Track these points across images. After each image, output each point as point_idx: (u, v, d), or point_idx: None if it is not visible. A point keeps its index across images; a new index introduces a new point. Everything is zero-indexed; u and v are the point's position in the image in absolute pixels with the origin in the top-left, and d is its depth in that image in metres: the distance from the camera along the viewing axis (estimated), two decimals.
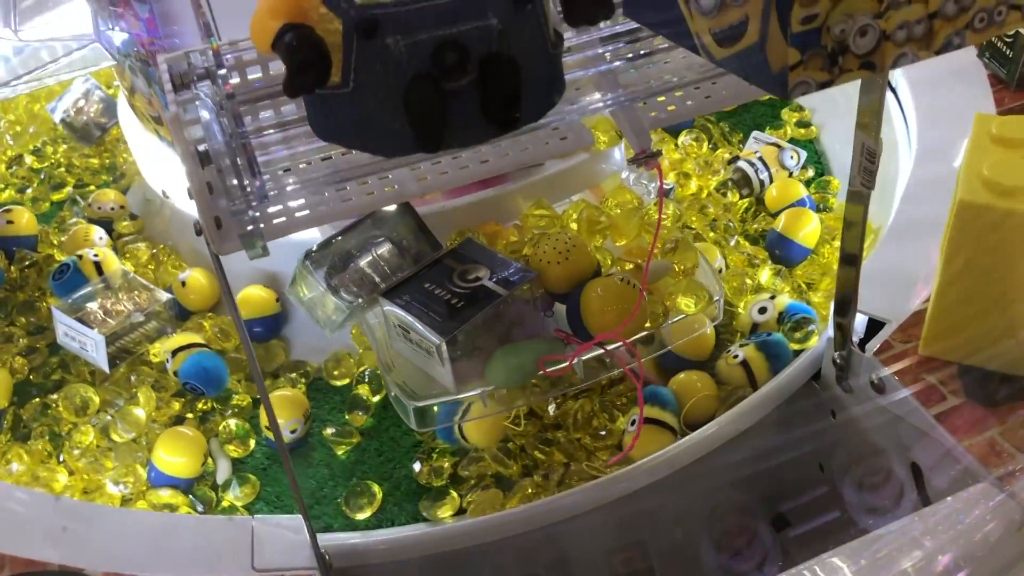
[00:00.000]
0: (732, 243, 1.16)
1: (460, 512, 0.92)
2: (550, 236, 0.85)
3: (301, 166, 0.61)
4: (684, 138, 1.32)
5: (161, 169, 1.27)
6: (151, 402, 1.05)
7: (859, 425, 0.93)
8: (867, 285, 0.90)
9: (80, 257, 1.19)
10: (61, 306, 1.12)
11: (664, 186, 1.18)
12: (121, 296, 1.13)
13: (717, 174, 1.26)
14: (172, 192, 1.25)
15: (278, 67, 0.63)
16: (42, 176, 1.52)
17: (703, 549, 0.94)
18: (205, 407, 1.07)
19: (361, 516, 0.93)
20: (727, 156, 1.30)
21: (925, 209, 1.04)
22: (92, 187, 1.47)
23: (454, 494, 0.93)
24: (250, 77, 0.66)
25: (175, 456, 0.98)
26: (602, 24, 0.63)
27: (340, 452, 0.99)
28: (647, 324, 0.83)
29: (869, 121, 0.76)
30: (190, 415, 1.06)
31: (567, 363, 0.79)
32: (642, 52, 0.65)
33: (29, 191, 1.49)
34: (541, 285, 0.84)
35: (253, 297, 1.12)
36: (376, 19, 0.48)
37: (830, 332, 0.93)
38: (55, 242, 1.33)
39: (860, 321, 0.96)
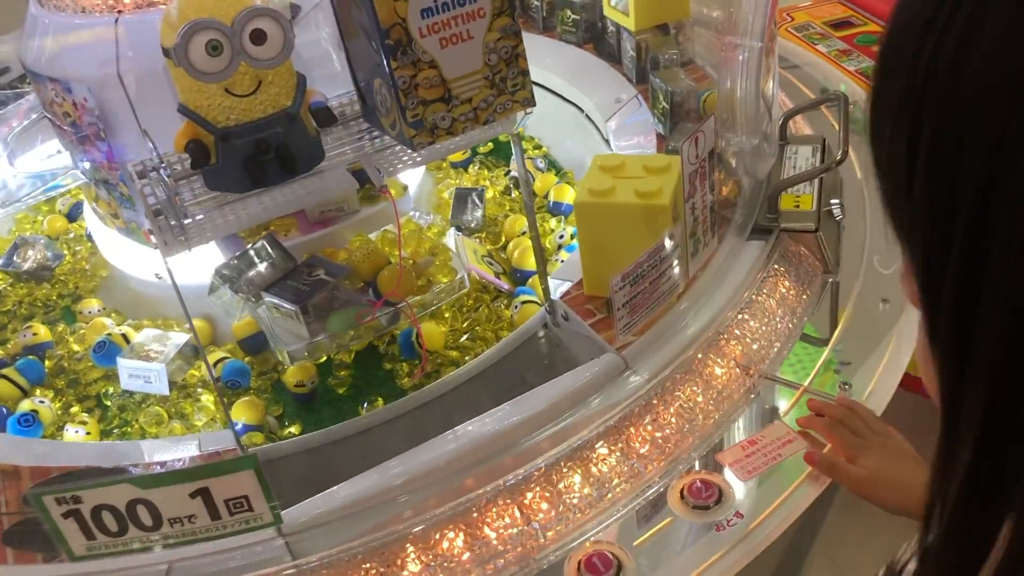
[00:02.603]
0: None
1: None
2: (361, 244, 1.47)
3: (202, 207, 1.22)
4: (472, 169, 2.09)
5: (122, 254, 1.86)
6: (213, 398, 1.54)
7: (567, 342, 1.53)
8: (568, 267, 1.53)
9: (109, 335, 1.64)
10: (125, 356, 1.52)
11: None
12: (154, 346, 1.55)
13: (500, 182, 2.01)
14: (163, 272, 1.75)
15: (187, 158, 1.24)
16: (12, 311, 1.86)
17: None
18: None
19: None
20: (503, 172, 2.04)
21: None
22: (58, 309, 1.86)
23: None
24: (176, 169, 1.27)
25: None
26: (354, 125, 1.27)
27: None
28: (416, 290, 1.45)
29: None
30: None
31: (372, 315, 1.40)
32: (375, 136, 1.27)
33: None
34: (357, 275, 1.46)
35: (243, 326, 1.63)
36: (228, 132, 1.10)
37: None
38: (71, 340, 1.73)
39: (561, 286, 1.59)
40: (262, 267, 1.46)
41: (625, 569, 1.14)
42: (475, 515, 1.20)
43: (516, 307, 1.59)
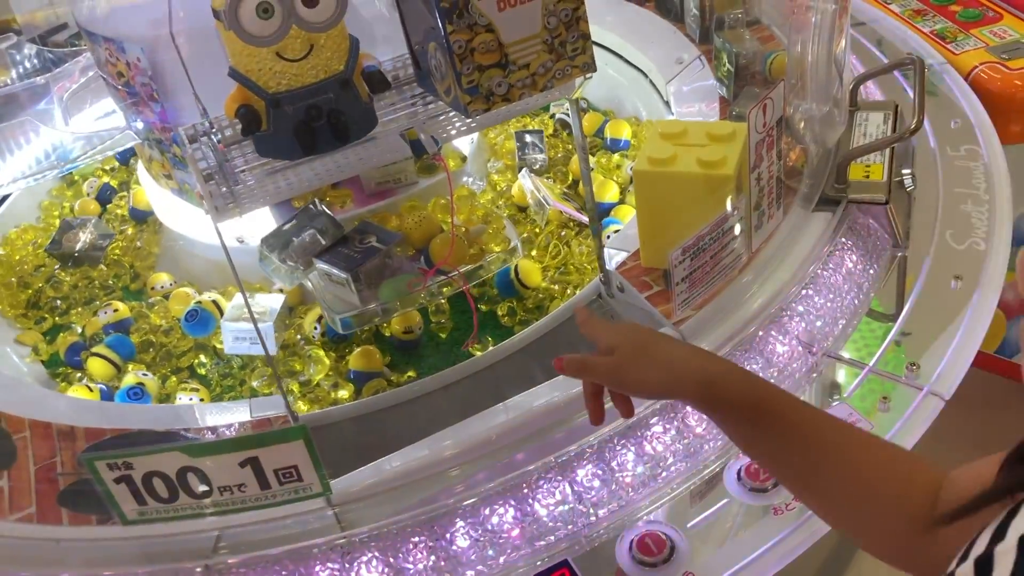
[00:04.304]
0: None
1: None
2: (413, 211, 1.45)
3: (253, 173, 1.20)
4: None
5: (170, 210, 1.86)
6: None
7: (622, 315, 1.50)
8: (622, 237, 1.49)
9: (200, 303, 1.63)
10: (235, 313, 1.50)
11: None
12: (253, 309, 1.48)
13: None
14: (247, 236, 1.59)
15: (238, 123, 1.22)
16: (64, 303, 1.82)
17: None
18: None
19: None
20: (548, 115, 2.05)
21: None
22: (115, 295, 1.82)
23: None
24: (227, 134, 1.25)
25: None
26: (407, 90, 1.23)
27: None
28: (468, 260, 1.42)
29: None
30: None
31: (424, 283, 1.38)
32: (429, 101, 1.23)
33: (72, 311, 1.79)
34: (408, 242, 1.43)
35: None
36: (279, 97, 1.07)
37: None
38: (152, 314, 1.71)
39: (616, 256, 1.54)
40: (310, 235, 1.44)
41: (678, 551, 1.11)
42: (525, 491, 1.18)
43: (609, 236, 1.59)
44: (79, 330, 1.75)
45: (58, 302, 1.84)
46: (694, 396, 0.86)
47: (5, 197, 2.06)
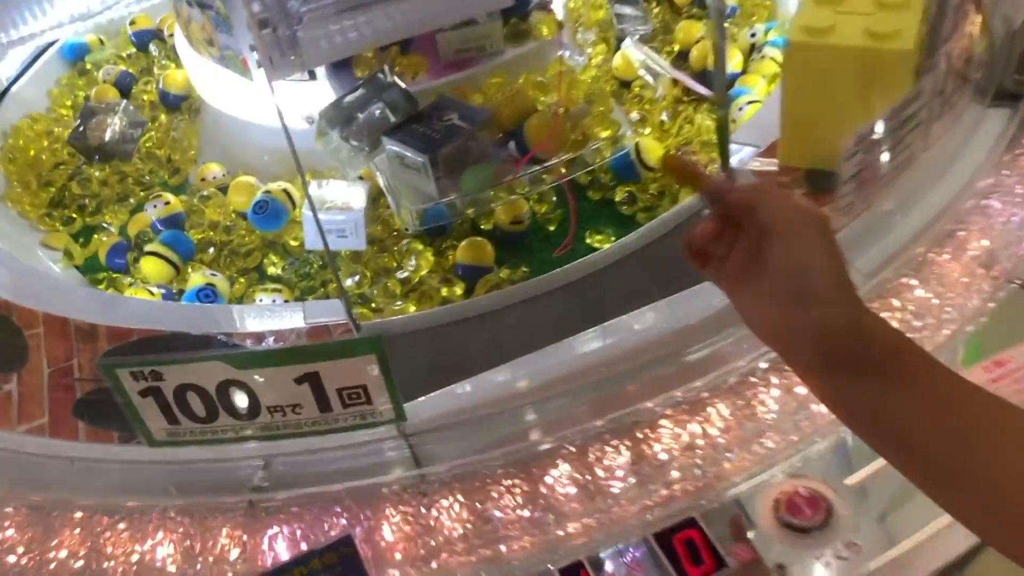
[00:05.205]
0: None
1: None
2: (502, 85, 1.19)
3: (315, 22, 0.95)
4: None
5: (215, 87, 1.62)
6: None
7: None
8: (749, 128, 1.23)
9: (269, 191, 1.40)
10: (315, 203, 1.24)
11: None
12: (336, 197, 1.29)
13: None
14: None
15: None
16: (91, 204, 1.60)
17: None
18: None
19: None
20: None
21: None
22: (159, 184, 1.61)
23: None
24: None
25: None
26: None
27: None
28: (570, 146, 1.17)
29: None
30: None
31: (516, 172, 1.13)
32: None
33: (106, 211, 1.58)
34: (496, 123, 1.18)
35: None
36: None
37: None
38: (204, 208, 1.50)
39: (748, 153, 1.29)
40: (379, 109, 1.19)
41: (836, 514, 0.88)
42: (647, 431, 0.95)
43: (741, 108, 1.37)
44: (114, 230, 1.54)
45: (87, 200, 1.61)
46: (839, 328, 0.59)
47: (7, 88, 1.81)
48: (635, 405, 0.96)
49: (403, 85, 1.20)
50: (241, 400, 0.89)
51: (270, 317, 1.18)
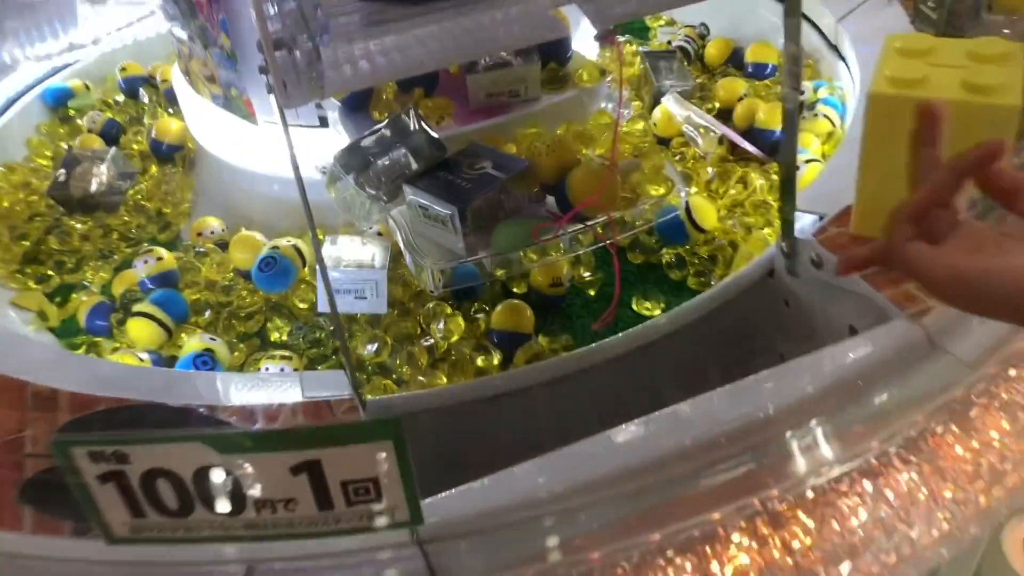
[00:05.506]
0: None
1: None
2: (541, 135, 1.05)
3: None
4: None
5: (214, 132, 1.48)
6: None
7: (805, 301, 1.10)
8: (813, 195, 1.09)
9: (277, 247, 1.24)
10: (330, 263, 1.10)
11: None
12: (353, 255, 1.13)
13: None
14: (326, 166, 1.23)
15: None
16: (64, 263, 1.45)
17: None
18: None
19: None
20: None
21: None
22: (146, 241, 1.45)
23: None
24: None
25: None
26: None
27: None
28: (620, 204, 1.02)
29: (791, 34, 0.96)
30: None
31: (556, 231, 0.98)
32: None
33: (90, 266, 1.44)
34: (533, 173, 1.03)
35: None
36: None
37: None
38: (200, 266, 1.35)
39: (809, 221, 1.14)
40: (400, 154, 1.05)
41: None
42: (711, 545, 0.78)
43: (799, 167, 1.22)
44: (95, 290, 1.38)
45: (65, 256, 1.45)
46: None
47: None
48: (698, 516, 0.79)
49: (430, 129, 1.06)
50: (223, 491, 0.72)
51: (263, 388, 1.02)
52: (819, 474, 0.82)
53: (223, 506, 0.73)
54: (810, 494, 0.80)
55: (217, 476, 0.72)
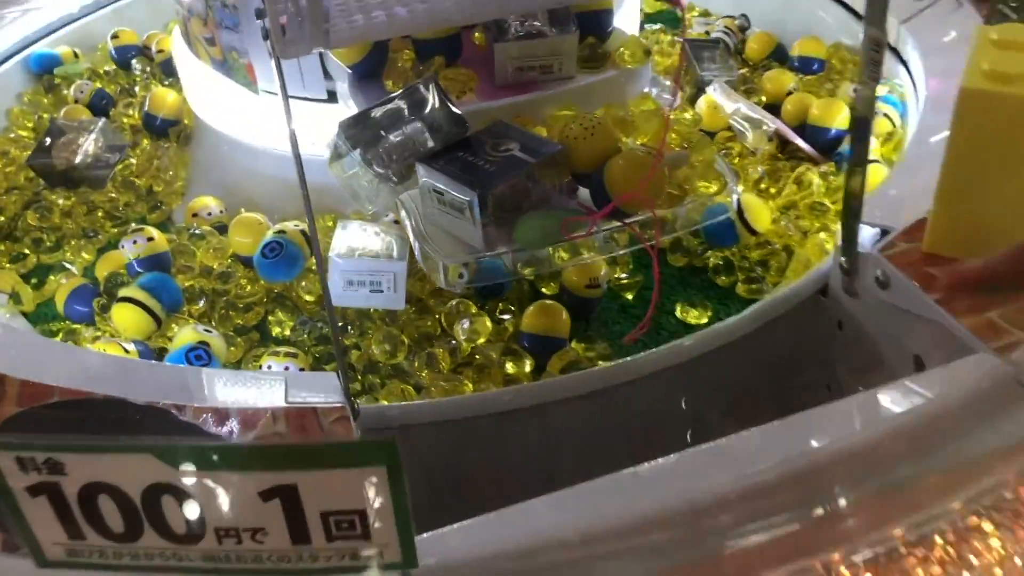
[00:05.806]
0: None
1: None
2: (576, 117, 0.92)
3: None
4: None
5: (214, 102, 1.35)
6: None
7: (864, 325, 0.97)
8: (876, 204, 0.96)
9: (284, 232, 1.12)
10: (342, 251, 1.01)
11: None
12: (366, 243, 1.02)
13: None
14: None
15: None
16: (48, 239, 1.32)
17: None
18: None
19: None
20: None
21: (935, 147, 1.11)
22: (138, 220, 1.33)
23: None
24: None
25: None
26: None
27: None
28: (666, 200, 0.89)
29: (873, 13, 0.83)
30: None
31: (590, 227, 0.85)
32: None
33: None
34: (567, 159, 0.90)
35: None
36: None
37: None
38: (195, 249, 1.24)
39: (870, 235, 1.01)
40: (414, 129, 0.92)
41: None
42: None
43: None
44: (76, 271, 1.26)
45: (44, 234, 1.32)
46: None
47: None
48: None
49: (452, 102, 0.93)
50: (178, 514, 0.60)
51: (245, 387, 0.89)
52: (889, 537, 0.69)
53: (178, 531, 0.61)
54: (879, 560, 0.67)
55: (170, 496, 0.59)
